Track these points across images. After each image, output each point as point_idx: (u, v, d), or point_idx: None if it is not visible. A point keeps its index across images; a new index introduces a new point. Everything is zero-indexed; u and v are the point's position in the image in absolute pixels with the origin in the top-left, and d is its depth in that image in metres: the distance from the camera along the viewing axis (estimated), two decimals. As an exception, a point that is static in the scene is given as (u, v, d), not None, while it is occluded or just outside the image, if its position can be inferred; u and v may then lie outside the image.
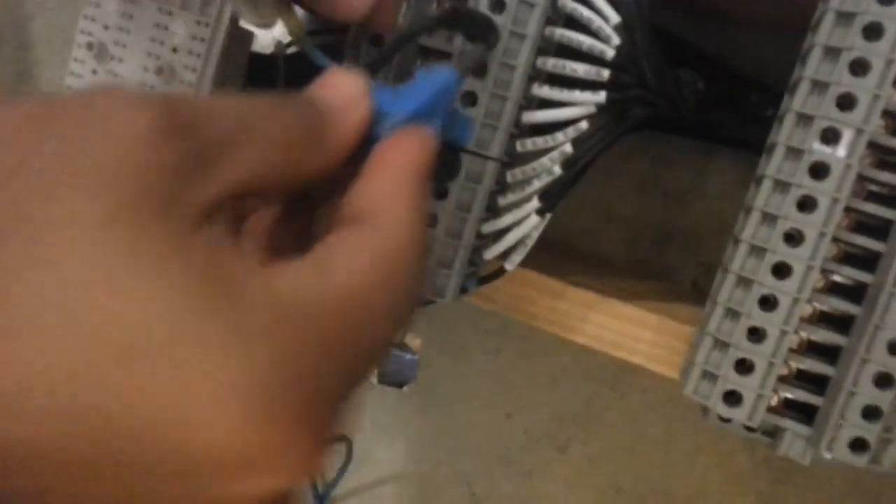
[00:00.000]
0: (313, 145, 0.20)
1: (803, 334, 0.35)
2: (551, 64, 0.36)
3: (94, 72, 0.47)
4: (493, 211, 0.37)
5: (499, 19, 0.35)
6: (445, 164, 0.32)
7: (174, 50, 0.45)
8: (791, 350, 0.35)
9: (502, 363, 0.57)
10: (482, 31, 0.33)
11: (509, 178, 0.37)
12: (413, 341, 0.44)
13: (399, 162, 0.20)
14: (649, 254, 0.54)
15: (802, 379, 0.35)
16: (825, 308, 0.35)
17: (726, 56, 0.48)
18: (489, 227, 0.37)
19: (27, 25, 0.67)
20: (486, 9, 0.35)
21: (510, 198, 0.37)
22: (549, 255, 0.45)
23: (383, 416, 0.62)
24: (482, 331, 0.58)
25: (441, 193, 0.36)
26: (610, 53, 0.35)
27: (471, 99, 0.36)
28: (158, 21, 0.45)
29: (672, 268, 0.54)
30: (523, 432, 0.58)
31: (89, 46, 0.46)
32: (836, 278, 0.34)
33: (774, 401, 0.35)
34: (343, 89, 0.21)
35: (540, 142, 0.36)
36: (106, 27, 0.47)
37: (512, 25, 0.35)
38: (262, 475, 0.15)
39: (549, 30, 0.36)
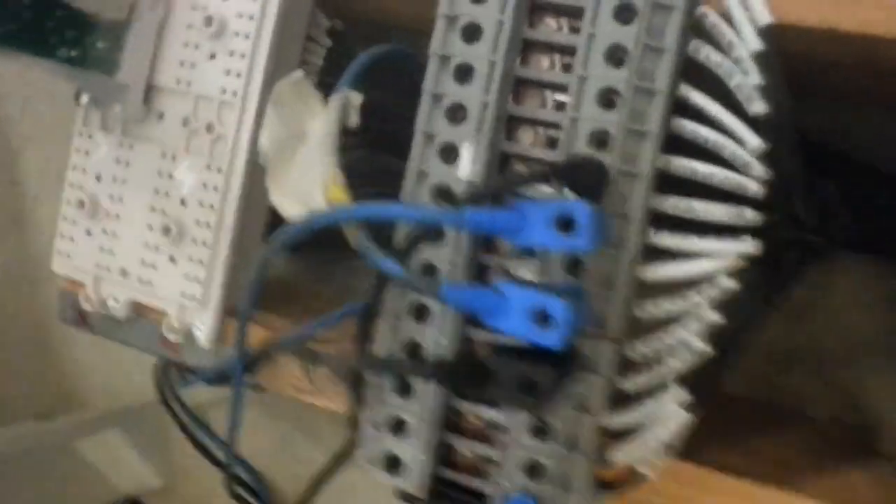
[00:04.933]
0: None
1: None
2: (671, 205, 0.28)
3: (89, 233, 0.39)
4: (619, 399, 0.28)
5: (605, 157, 0.27)
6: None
7: (182, 203, 0.37)
8: None
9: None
10: (591, 181, 0.25)
11: (633, 354, 0.28)
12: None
13: None
14: (775, 382, 0.45)
15: None
16: None
17: (855, 147, 0.39)
18: (617, 421, 0.28)
19: (17, 160, 0.60)
20: (587, 145, 0.27)
21: (641, 381, 0.28)
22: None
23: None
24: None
25: (544, 392, 0.27)
26: (752, 188, 0.27)
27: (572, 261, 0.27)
28: (161, 168, 0.37)
29: (804, 397, 0.44)
30: None
31: (80, 203, 0.38)
32: None
33: None
34: None
35: (669, 305, 0.28)
36: (98, 178, 0.39)
37: (621, 164, 0.27)
38: None
39: (662, 159, 0.28)
